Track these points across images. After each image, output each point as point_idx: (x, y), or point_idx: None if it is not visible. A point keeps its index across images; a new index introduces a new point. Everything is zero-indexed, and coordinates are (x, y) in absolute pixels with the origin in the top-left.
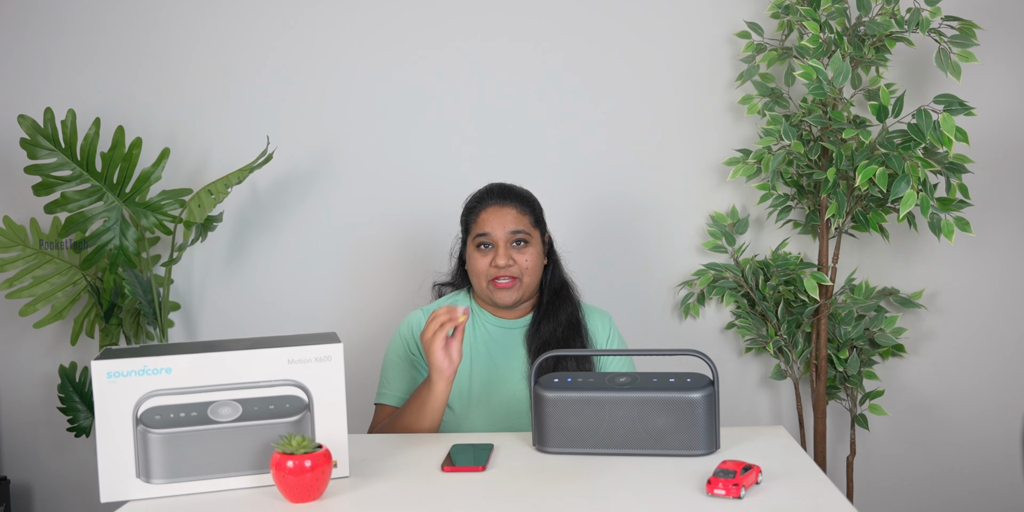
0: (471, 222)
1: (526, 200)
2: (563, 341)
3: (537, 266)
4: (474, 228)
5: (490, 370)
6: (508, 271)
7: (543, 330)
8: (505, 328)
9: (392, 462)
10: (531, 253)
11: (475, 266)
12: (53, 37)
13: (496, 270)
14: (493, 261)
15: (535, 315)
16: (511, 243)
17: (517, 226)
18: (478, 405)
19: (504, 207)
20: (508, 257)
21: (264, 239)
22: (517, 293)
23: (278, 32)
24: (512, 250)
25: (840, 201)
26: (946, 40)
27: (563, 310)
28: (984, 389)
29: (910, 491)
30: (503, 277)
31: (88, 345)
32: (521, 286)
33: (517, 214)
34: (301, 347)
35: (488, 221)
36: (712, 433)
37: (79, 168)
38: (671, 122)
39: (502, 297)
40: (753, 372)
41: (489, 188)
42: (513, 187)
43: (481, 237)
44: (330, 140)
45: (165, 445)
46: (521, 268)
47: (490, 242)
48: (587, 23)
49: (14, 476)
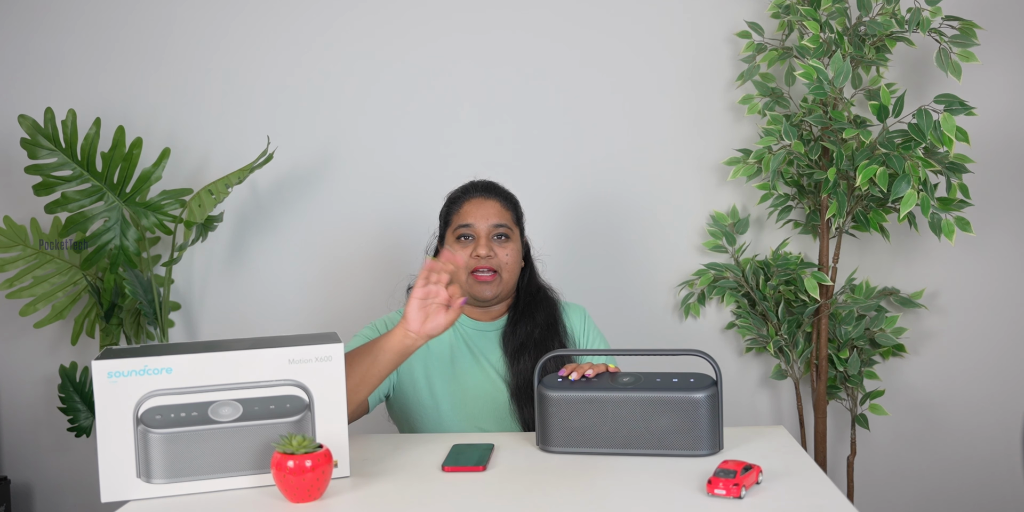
0: (452, 213)
1: (509, 197)
2: (540, 342)
3: (516, 263)
4: (455, 219)
5: (467, 372)
6: (489, 263)
7: (519, 331)
8: (481, 330)
9: (392, 462)
10: (511, 249)
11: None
12: (53, 37)
13: (476, 260)
14: (474, 251)
15: (511, 316)
16: (493, 236)
17: (500, 220)
18: (456, 407)
19: (488, 200)
20: (489, 248)
21: (264, 239)
22: (496, 288)
23: (278, 32)
24: (493, 243)
25: (840, 201)
26: (946, 40)
27: (540, 311)
28: (984, 389)
29: (910, 491)
30: (483, 269)
31: (88, 345)
32: (500, 281)
33: (501, 208)
34: (302, 347)
35: (471, 212)
36: (715, 433)
37: (79, 168)
38: (671, 122)
39: (482, 290)
40: (753, 372)
41: (473, 183)
42: (497, 184)
43: (463, 228)
44: (331, 140)
45: (166, 445)
46: (501, 262)
47: (472, 234)
48: (587, 23)
49: (14, 476)
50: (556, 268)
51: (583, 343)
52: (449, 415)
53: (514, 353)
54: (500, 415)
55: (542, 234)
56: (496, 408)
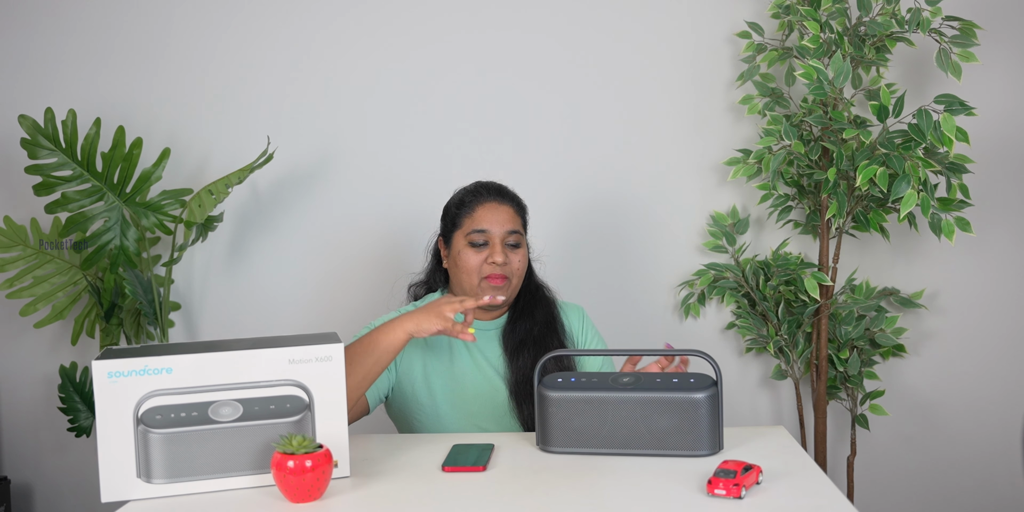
0: (462, 216)
1: (520, 203)
2: (539, 339)
3: (524, 270)
4: (468, 223)
5: (466, 371)
6: (502, 270)
7: (519, 329)
8: (480, 330)
9: (392, 462)
10: (522, 255)
11: (467, 263)
12: (53, 37)
13: (491, 267)
14: (489, 258)
15: (510, 315)
16: (506, 243)
17: (513, 226)
18: (455, 406)
19: (503, 205)
20: (505, 255)
21: (264, 239)
22: (506, 293)
23: (278, 32)
24: (507, 249)
25: (840, 201)
26: (946, 40)
27: (539, 309)
28: (984, 389)
29: (910, 491)
30: (495, 276)
31: (88, 345)
32: (509, 287)
33: (513, 214)
34: (302, 347)
35: (486, 217)
36: (716, 433)
37: (79, 168)
38: (671, 122)
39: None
40: (753, 372)
41: (484, 185)
42: (507, 188)
43: (478, 233)
44: (331, 140)
45: (166, 445)
46: (512, 269)
47: (487, 240)
48: (587, 23)
49: (14, 476)
50: (556, 268)
51: (581, 343)
52: (448, 414)
53: (513, 351)
54: (499, 414)
55: (543, 234)
56: (495, 407)
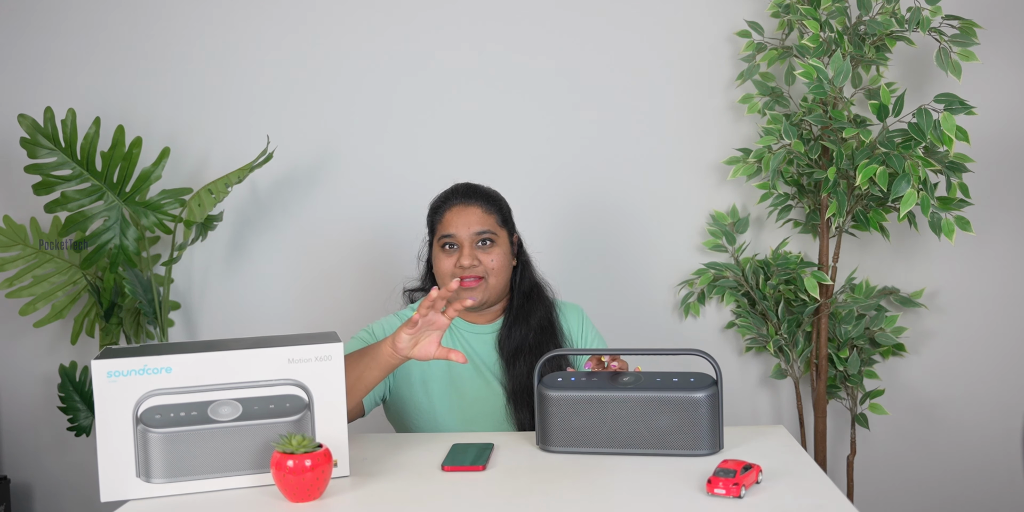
0: (436, 223)
1: (492, 199)
2: (536, 346)
3: (504, 266)
4: (439, 229)
5: (463, 375)
6: (473, 271)
7: (514, 335)
8: (477, 333)
9: (392, 462)
10: (497, 253)
11: (440, 267)
12: (53, 37)
13: (461, 270)
14: (458, 261)
15: (506, 319)
16: (476, 243)
17: (483, 226)
18: (452, 410)
19: (469, 206)
20: (473, 257)
21: (264, 239)
22: (483, 293)
23: (278, 32)
24: (477, 250)
25: (840, 200)
26: (946, 39)
27: (535, 313)
28: (984, 389)
29: (910, 491)
30: (467, 277)
31: (88, 344)
32: (487, 286)
33: (483, 214)
34: (301, 346)
35: (453, 221)
36: (715, 433)
37: (79, 167)
38: (671, 121)
39: (467, 296)
40: (753, 371)
41: (454, 188)
42: (479, 186)
43: (446, 238)
44: (331, 139)
45: (165, 444)
46: (487, 268)
47: (455, 242)
48: (587, 23)
49: (14, 476)
50: (555, 267)
51: (580, 344)
52: (445, 417)
53: (510, 357)
54: (496, 418)
55: (542, 233)
56: (492, 411)
